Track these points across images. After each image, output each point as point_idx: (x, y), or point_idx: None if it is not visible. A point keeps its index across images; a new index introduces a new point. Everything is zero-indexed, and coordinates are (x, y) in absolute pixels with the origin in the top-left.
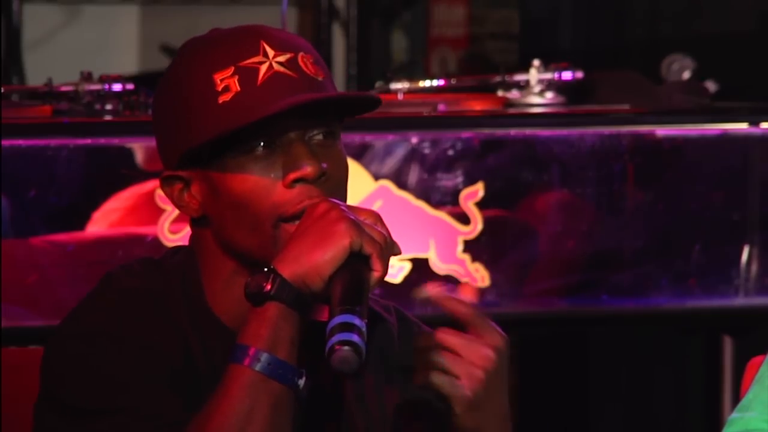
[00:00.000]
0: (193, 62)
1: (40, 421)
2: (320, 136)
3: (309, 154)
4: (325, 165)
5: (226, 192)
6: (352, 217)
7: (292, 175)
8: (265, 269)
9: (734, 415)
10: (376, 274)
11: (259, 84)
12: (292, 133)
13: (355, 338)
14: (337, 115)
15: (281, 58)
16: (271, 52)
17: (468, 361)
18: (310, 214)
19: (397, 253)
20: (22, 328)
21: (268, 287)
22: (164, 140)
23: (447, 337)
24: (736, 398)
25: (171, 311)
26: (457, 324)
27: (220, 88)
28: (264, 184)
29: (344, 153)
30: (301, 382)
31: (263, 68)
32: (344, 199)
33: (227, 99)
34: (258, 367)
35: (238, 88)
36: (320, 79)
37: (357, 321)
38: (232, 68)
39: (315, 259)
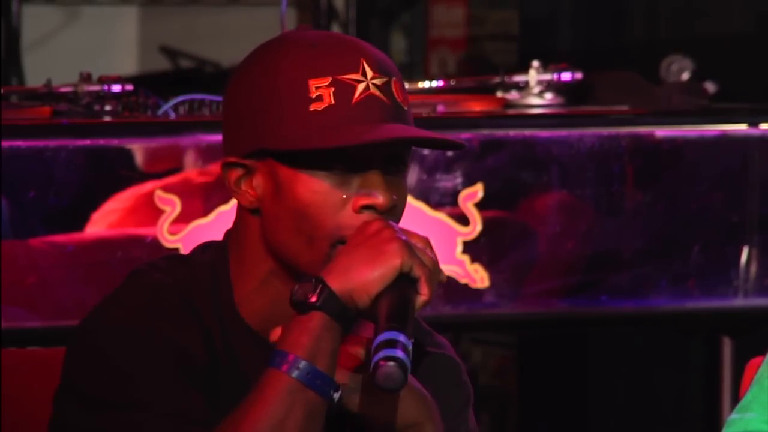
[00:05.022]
0: (290, 60)
1: (60, 411)
2: (394, 168)
3: (384, 185)
4: (395, 197)
5: (291, 196)
6: (404, 239)
7: (364, 201)
8: (313, 279)
9: (733, 415)
10: (422, 298)
11: (353, 103)
12: (372, 160)
13: (400, 354)
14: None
15: (378, 81)
16: (369, 73)
17: None
18: (363, 230)
19: (443, 280)
20: (22, 329)
21: (314, 298)
22: (238, 127)
23: None
24: (736, 399)
25: (197, 308)
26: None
27: (313, 96)
28: (333, 202)
29: (407, 185)
30: (336, 395)
31: (360, 87)
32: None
33: (319, 109)
34: (296, 374)
35: (332, 101)
36: (406, 108)
37: (402, 338)
38: (330, 79)
39: (364, 275)
